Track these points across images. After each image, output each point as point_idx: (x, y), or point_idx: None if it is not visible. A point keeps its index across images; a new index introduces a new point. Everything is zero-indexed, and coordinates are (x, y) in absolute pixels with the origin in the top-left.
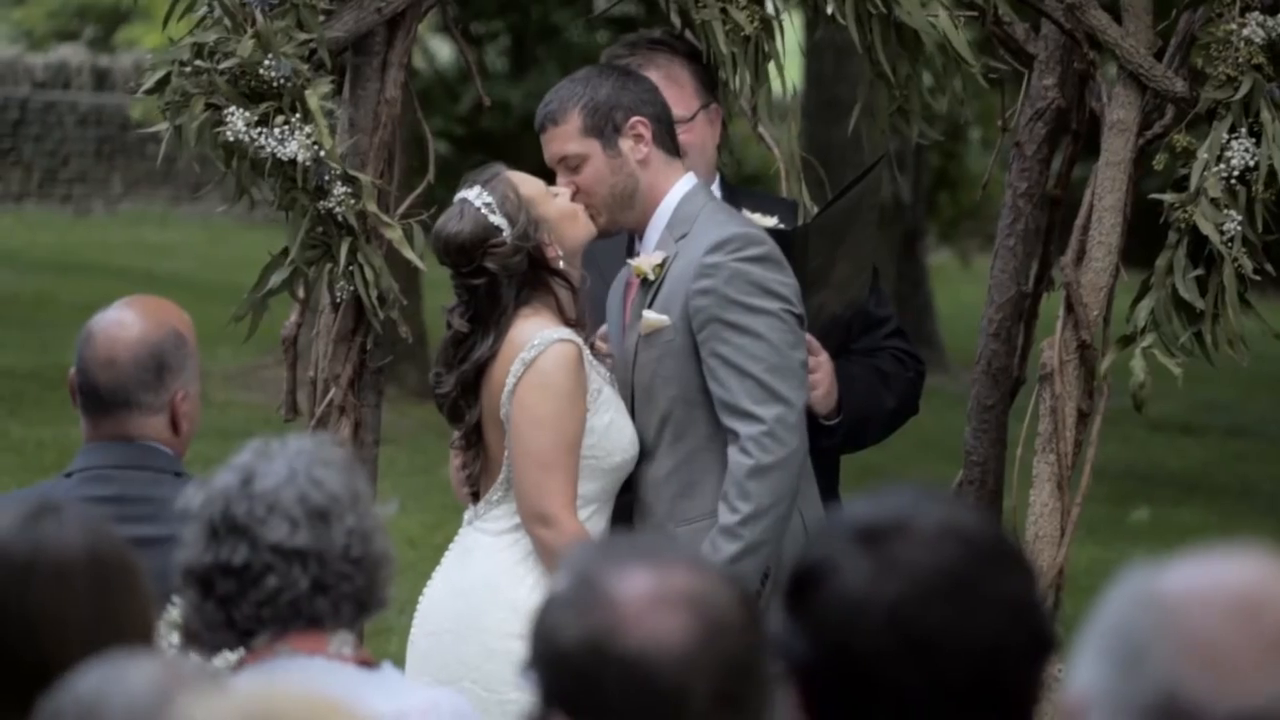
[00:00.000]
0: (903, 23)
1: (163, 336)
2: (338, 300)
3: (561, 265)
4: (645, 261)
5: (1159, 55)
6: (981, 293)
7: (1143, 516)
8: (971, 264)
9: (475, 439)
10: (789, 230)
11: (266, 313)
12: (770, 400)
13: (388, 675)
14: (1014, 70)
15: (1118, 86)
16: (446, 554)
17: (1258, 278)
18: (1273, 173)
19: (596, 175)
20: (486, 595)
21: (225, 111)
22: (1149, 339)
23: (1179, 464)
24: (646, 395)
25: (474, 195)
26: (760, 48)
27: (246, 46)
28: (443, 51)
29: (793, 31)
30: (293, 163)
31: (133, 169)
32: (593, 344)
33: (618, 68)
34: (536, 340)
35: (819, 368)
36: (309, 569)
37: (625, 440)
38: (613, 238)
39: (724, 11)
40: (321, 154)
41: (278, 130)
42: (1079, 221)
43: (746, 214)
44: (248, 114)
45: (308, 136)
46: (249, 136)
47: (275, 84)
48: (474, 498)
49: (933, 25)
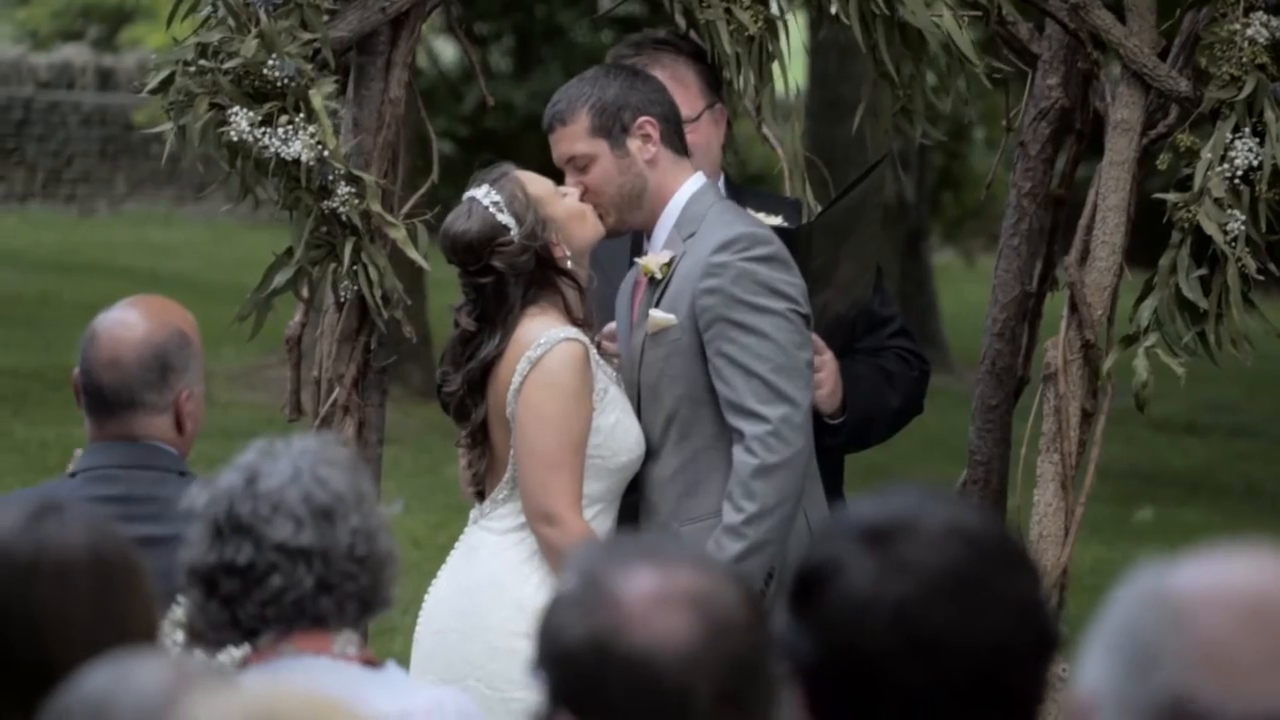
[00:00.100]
0: (906, 22)
1: (167, 336)
2: (342, 300)
3: (569, 265)
4: (653, 260)
5: (1163, 55)
6: (985, 292)
7: (1147, 516)
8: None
9: (481, 438)
10: (793, 228)
11: (271, 312)
12: (776, 400)
13: (392, 675)
14: (1018, 70)
15: (1121, 86)
16: (452, 553)
17: (1261, 277)
18: (1276, 172)
19: (604, 175)
20: (491, 594)
21: (229, 111)
22: (1152, 339)
23: (1183, 464)
24: (652, 394)
25: (482, 194)
26: (764, 47)
27: (250, 46)
28: (447, 51)
29: (797, 31)
30: (296, 162)
31: (137, 169)
32: (599, 343)
33: (626, 67)
34: (543, 339)
35: (824, 367)
36: (313, 568)
37: (631, 440)
38: (618, 238)
39: (728, 11)
40: (325, 154)
41: (281, 130)
42: (1083, 221)
43: (752, 214)
44: (251, 114)
45: (311, 136)
46: (253, 136)
47: (279, 84)
48: (479, 497)
49: (937, 25)
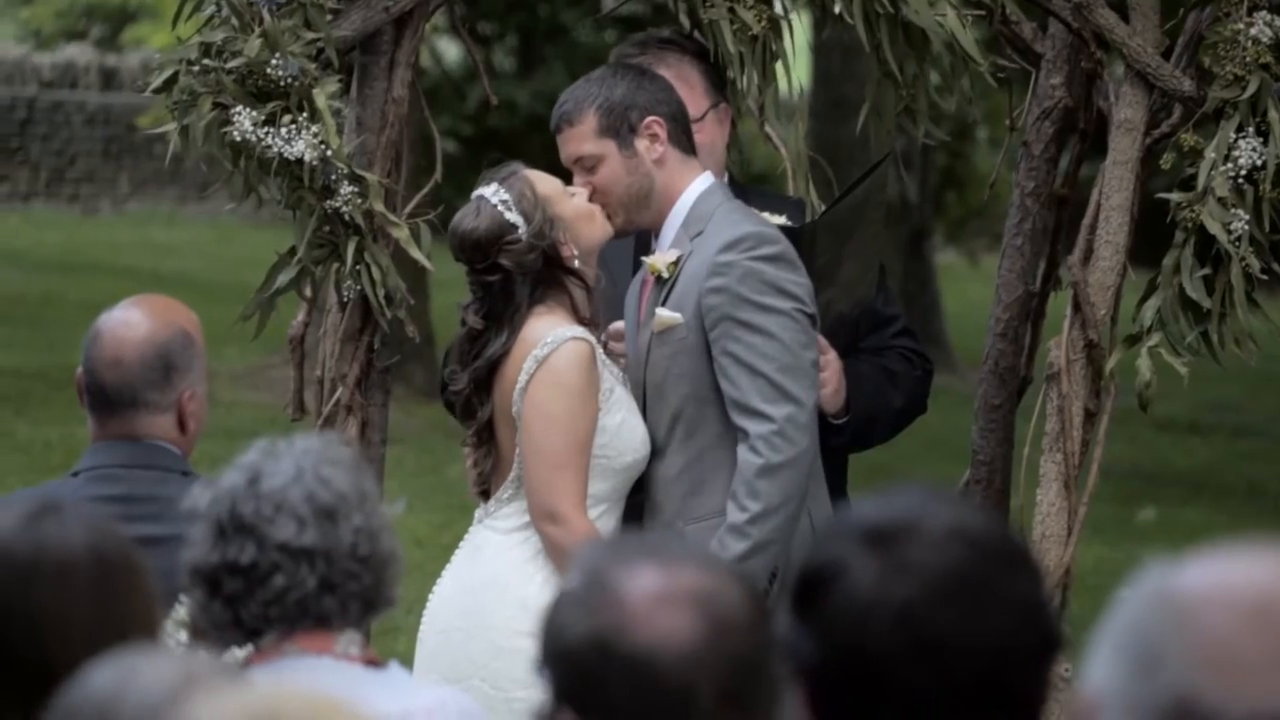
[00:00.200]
0: (910, 22)
1: (170, 336)
2: (345, 300)
3: (576, 264)
4: (660, 259)
5: (1166, 54)
6: (989, 292)
7: (1149, 516)
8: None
9: (487, 436)
10: (796, 227)
11: (274, 312)
12: (781, 399)
13: (394, 674)
14: (1021, 69)
15: (1125, 86)
16: (456, 552)
17: (1265, 277)
18: None
19: (612, 175)
20: (495, 593)
21: (232, 111)
22: (1155, 338)
23: (1186, 463)
24: (658, 393)
25: (491, 192)
26: (768, 47)
27: (254, 46)
28: (450, 51)
29: (801, 30)
30: (300, 162)
31: (140, 168)
32: (605, 343)
33: (633, 67)
34: (550, 338)
35: (827, 366)
36: (316, 568)
37: (637, 440)
38: (624, 237)
39: (731, 11)
40: (328, 153)
41: (285, 130)
42: (1086, 221)
43: (759, 214)
44: (255, 113)
45: (315, 136)
46: (256, 136)
47: (282, 83)
48: (484, 496)
49: (940, 24)
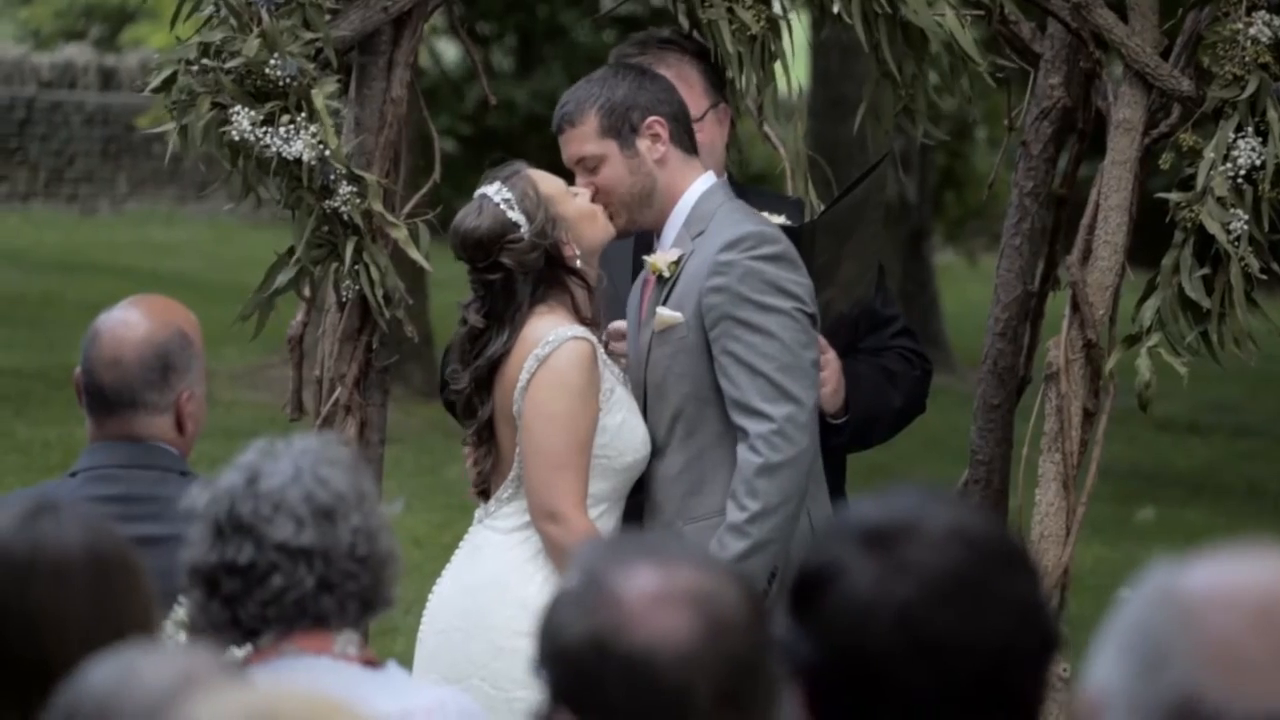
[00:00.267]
0: (909, 21)
1: (168, 336)
2: (343, 299)
3: (578, 264)
4: (661, 258)
5: (1165, 54)
6: (987, 292)
7: (1148, 516)
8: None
9: (487, 436)
10: (795, 226)
11: (273, 312)
12: (781, 399)
13: (393, 675)
14: (1020, 69)
15: (1124, 85)
16: (456, 552)
17: (1264, 277)
18: (1279, 171)
19: (614, 175)
20: (495, 593)
21: (231, 111)
22: (1155, 338)
23: (1185, 463)
24: (659, 392)
25: (493, 191)
26: (766, 47)
27: (252, 46)
28: (449, 51)
29: (800, 30)
30: (298, 162)
31: (139, 168)
32: (606, 343)
33: (635, 67)
34: (551, 337)
35: (826, 366)
36: (314, 568)
37: (637, 440)
38: (625, 238)
39: (730, 11)
40: (327, 153)
41: (283, 129)
42: (1085, 221)
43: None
44: (253, 113)
45: (313, 136)
46: (254, 136)
47: (281, 83)
48: (484, 496)
49: (939, 24)
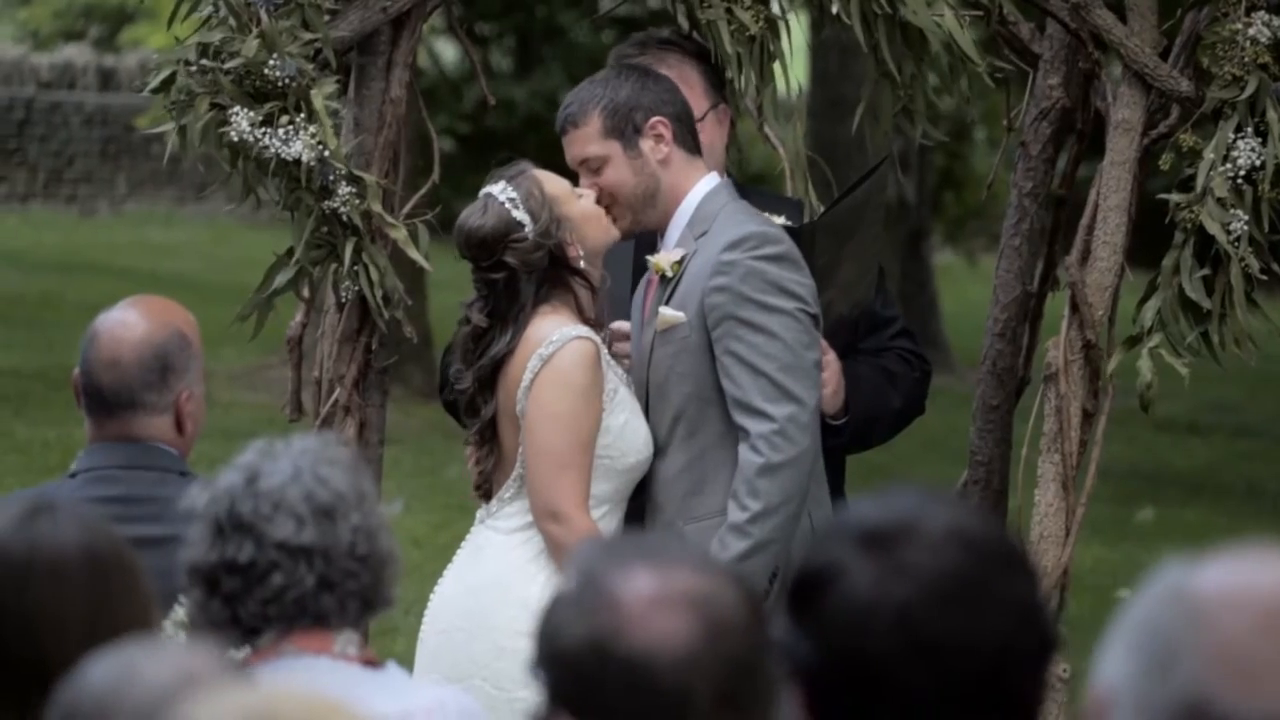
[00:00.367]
0: (908, 22)
1: (167, 337)
2: (343, 300)
3: (582, 265)
4: (664, 258)
5: (1164, 55)
6: (987, 292)
7: (1148, 516)
8: (977, 263)
9: (489, 435)
10: (796, 227)
11: (272, 313)
12: (782, 399)
13: (392, 675)
14: (1019, 70)
15: (1123, 86)
16: (458, 552)
17: (1264, 277)
18: (1279, 172)
19: (618, 176)
20: (497, 593)
21: (230, 111)
22: (1156, 339)
23: (1185, 464)
24: (660, 392)
25: (498, 190)
26: (765, 47)
27: (251, 46)
28: (448, 52)
29: (798, 31)
30: (297, 163)
31: (138, 169)
32: (609, 344)
33: (638, 68)
34: (555, 336)
35: (826, 367)
36: (315, 566)
37: (640, 441)
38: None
39: (729, 11)
40: (326, 154)
41: (282, 130)
42: (1084, 221)
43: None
44: (252, 114)
45: (312, 136)
46: (253, 136)
47: (280, 84)
48: (486, 496)
49: (938, 24)
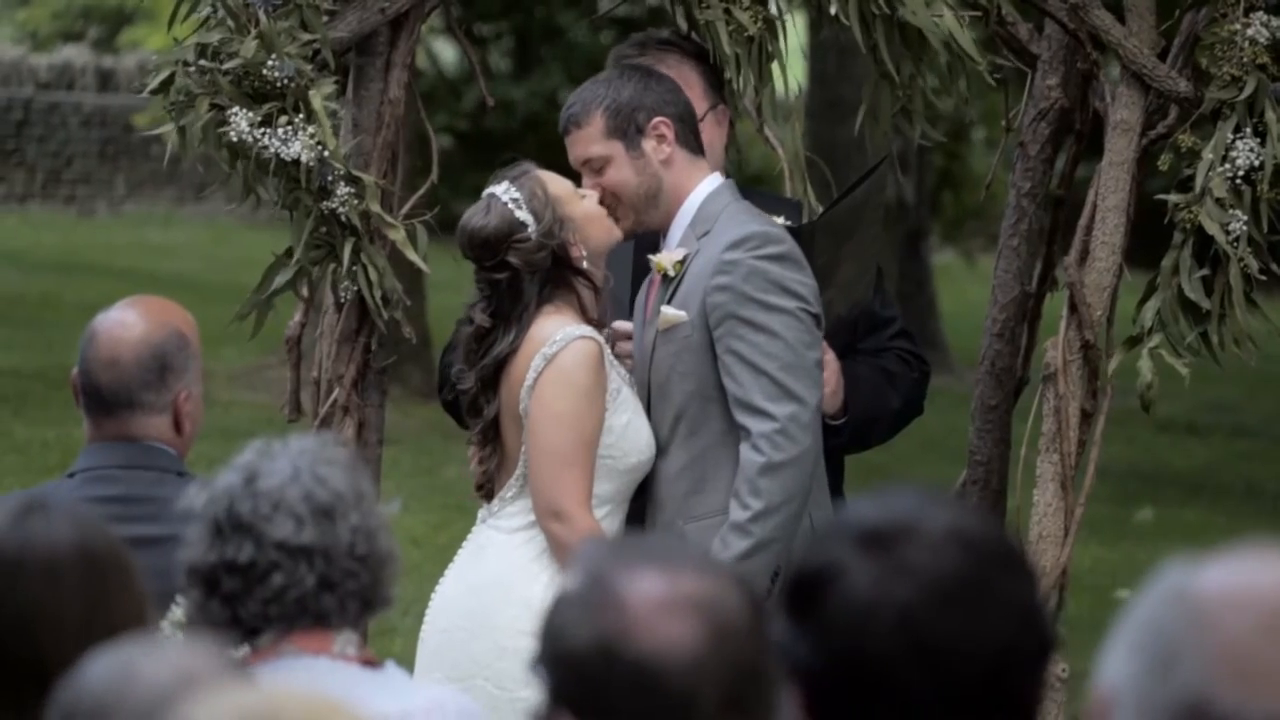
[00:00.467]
0: (906, 22)
1: (165, 337)
2: (342, 300)
3: (585, 265)
4: (666, 258)
5: (1162, 55)
6: (985, 293)
7: (1147, 516)
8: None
9: (492, 435)
10: (795, 227)
11: (271, 313)
12: (784, 398)
13: (391, 675)
14: (1017, 70)
15: (1121, 86)
16: (460, 551)
17: (1263, 277)
18: (1278, 172)
19: (620, 176)
20: (499, 593)
21: (229, 112)
22: (1156, 339)
23: (1184, 464)
24: (662, 391)
25: (501, 190)
26: (764, 48)
27: (250, 47)
28: (446, 52)
29: (794, 32)
30: (296, 163)
31: (136, 170)
32: (612, 344)
33: (640, 68)
34: (559, 336)
35: (825, 367)
36: (315, 566)
37: (642, 441)
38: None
39: (727, 12)
40: (325, 154)
41: (281, 130)
42: (1082, 221)
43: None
44: (251, 114)
45: (311, 137)
46: (252, 137)
47: (279, 84)
48: (487, 496)
49: (937, 24)
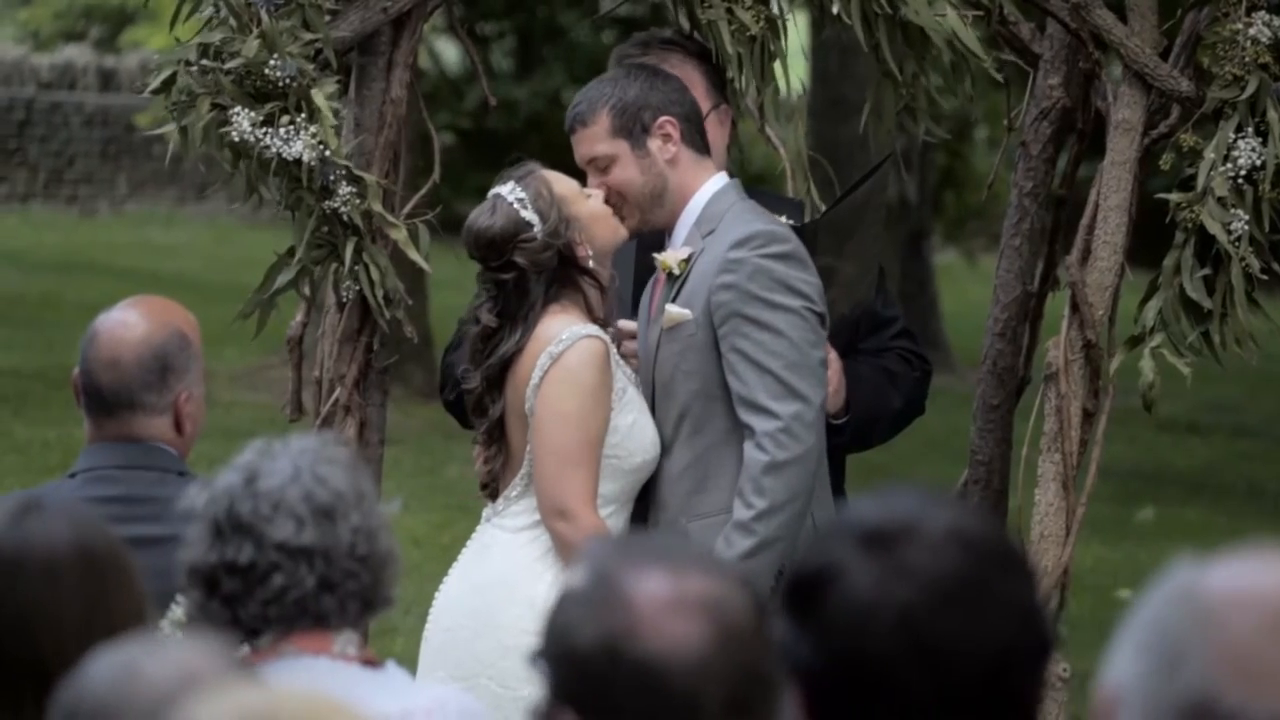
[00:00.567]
0: (909, 21)
1: (166, 337)
2: (343, 300)
3: (591, 265)
4: (670, 256)
5: (1164, 55)
6: (987, 292)
7: (1148, 516)
8: (977, 263)
9: (498, 435)
10: (798, 226)
11: (274, 312)
12: (788, 397)
13: (392, 675)
14: (1019, 70)
15: (1123, 86)
16: (464, 550)
17: (1265, 277)
18: (1279, 172)
19: (626, 175)
20: (503, 592)
21: (231, 112)
22: (1157, 339)
23: (1185, 463)
24: (666, 389)
25: (507, 190)
26: (766, 47)
27: (252, 47)
28: (449, 52)
29: (796, 31)
30: (298, 163)
31: (138, 169)
32: (618, 344)
33: (647, 67)
34: (565, 335)
35: (827, 366)
36: (315, 567)
37: (647, 441)
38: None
39: (729, 11)
40: (327, 154)
41: (283, 130)
42: (1084, 221)
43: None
44: (253, 114)
45: (313, 136)
46: (254, 136)
47: (280, 84)
48: (492, 495)
49: (940, 23)
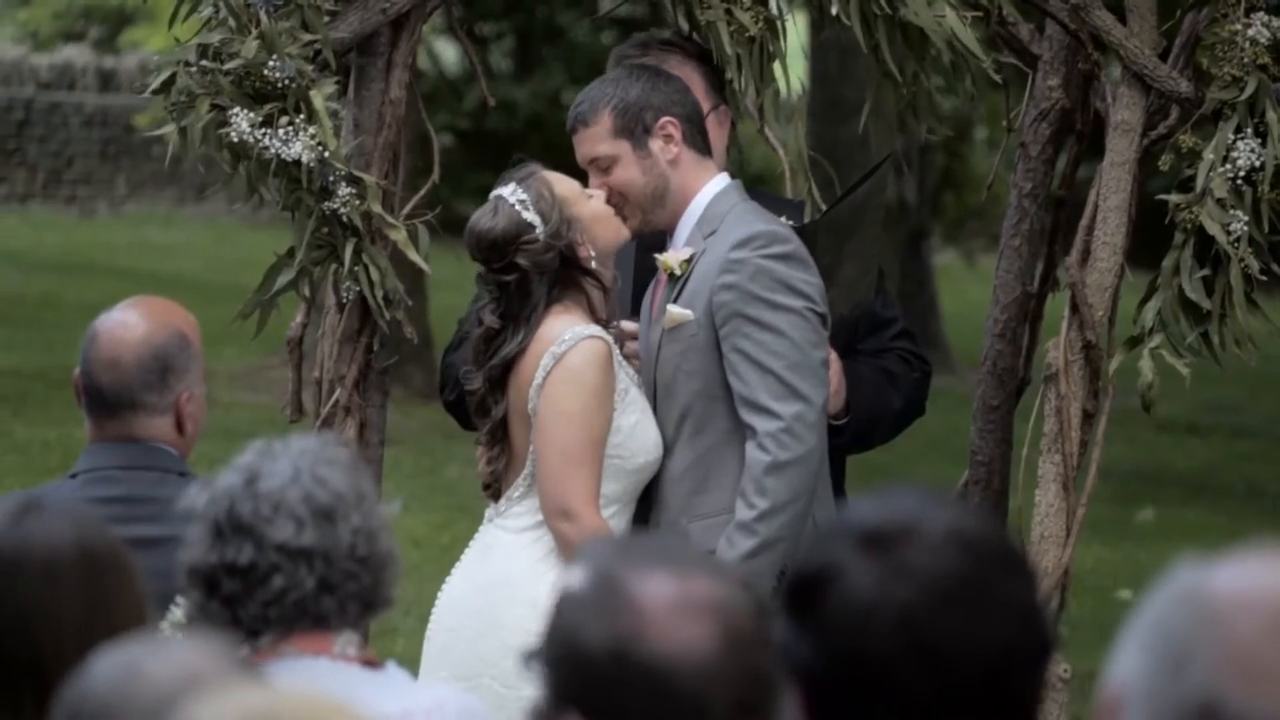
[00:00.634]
0: (908, 22)
1: (167, 338)
2: (343, 301)
3: (594, 265)
4: (672, 257)
5: (1164, 56)
6: (987, 293)
7: (1148, 517)
8: (977, 264)
9: (500, 435)
10: (797, 227)
11: (274, 312)
12: (790, 397)
13: (392, 675)
14: (1018, 71)
15: (1122, 87)
16: (467, 550)
17: (1264, 278)
18: (1278, 172)
19: (627, 176)
20: (506, 592)
21: (230, 112)
22: (1157, 340)
23: (1185, 464)
24: (667, 390)
25: (509, 192)
26: (765, 48)
27: (251, 47)
28: (448, 52)
29: (795, 32)
30: (297, 163)
31: (137, 170)
32: (620, 344)
33: (649, 68)
34: (568, 335)
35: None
36: (315, 568)
37: (650, 442)
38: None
39: (728, 12)
40: (326, 155)
41: (282, 131)
42: (1084, 222)
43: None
44: (252, 115)
45: (312, 137)
46: (253, 137)
47: (280, 85)
48: (495, 496)
49: (939, 24)
